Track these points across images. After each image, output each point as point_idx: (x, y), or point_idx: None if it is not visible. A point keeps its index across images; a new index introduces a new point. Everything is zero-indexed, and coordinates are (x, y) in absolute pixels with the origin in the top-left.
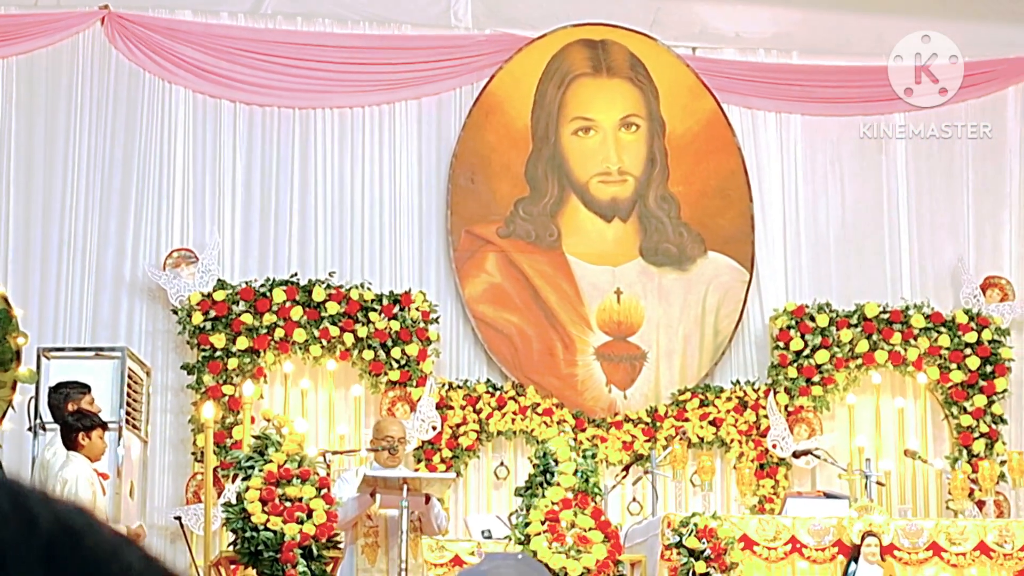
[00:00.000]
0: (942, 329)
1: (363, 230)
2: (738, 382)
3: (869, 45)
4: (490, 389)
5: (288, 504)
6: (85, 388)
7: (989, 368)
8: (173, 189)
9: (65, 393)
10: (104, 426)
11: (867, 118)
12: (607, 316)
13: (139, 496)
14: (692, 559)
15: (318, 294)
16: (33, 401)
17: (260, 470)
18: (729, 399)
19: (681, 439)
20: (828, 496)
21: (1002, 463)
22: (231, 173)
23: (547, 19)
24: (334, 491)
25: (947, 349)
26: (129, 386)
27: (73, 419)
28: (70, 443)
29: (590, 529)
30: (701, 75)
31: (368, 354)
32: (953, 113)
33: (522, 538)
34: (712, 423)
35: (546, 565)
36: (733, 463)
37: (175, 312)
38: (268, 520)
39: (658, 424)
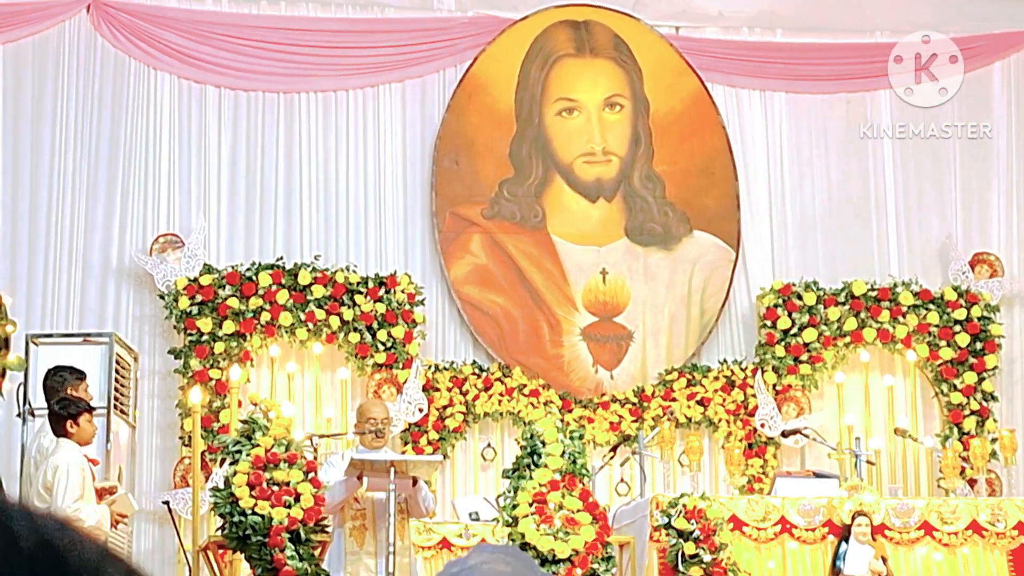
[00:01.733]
0: (931, 306)
1: (348, 213)
2: (725, 361)
3: (853, 22)
4: (476, 371)
5: (276, 488)
6: (81, 375)
7: (979, 345)
8: (159, 174)
9: (62, 378)
10: (91, 410)
11: (851, 95)
12: (593, 296)
13: (127, 481)
14: (681, 540)
15: (304, 277)
16: (22, 388)
17: (247, 454)
18: (716, 378)
19: (669, 419)
20: (818, 476)
21: (993, 441)
22: (216, 158)
23: (529, 0)
24: (321, 475)
25: (936, 326)
26: (117, 371)
27: (59, 407)
28: (59, 430)
29: (578, 511)
30: (685, 54)
31: (354, 337)
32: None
33: (510, 520)
34: (700, 403)
35: (534, 547)
36: (721, 443)
37: (162, 297)
38: (256, 504)
39: (645, 404)
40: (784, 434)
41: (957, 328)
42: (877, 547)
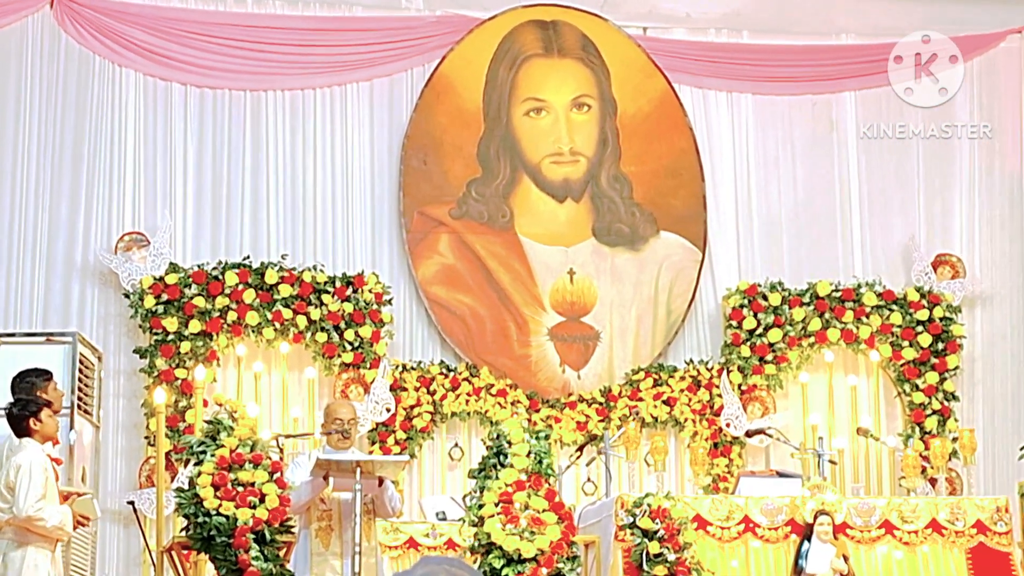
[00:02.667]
0: (894, 307)
1: (315, 212)
2: (691, 361)
3: (818, 24)
4: (444, 370)
5: (240, 489)
6: (48, 375)
7: (941, 345)
8: (124, 172)
9: (30, 383)
10: (48, 404)
11: (817, 96)
12: (560, 296)
13: (91, 481)
14: (646, 539)
15: (271, 277)
16: None
17: (212, 455)
18: (683, 378)
19: (635, 419)
20: (781, 475)
21: (954, 440)
22: (182, 156)
23: (498, 0)
24: (287, 475)
25: (899, 327)
26: (80, 371)
27: (17, 409)
28: (22, 431)
29: (544, 510)
30: (652, 55)
31: (321, 336)
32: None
33: (476, 520)
34: (666, 402)
35: (500, 546)
36: (687, 442)
37: (127, 296)
38: (221, 505)
39: (612, 404)
40: (749, 434)
41: (920, 328)
42: (839, 546)
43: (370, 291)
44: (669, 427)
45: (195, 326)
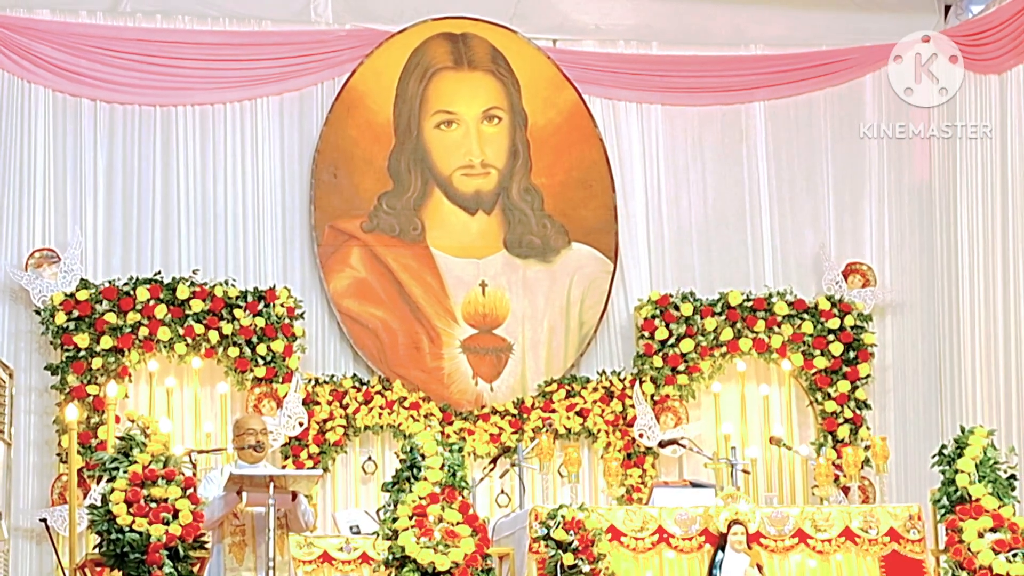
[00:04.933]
0: (805, 316)
1: (226, 227)
2: (604, 372)
3: (728, 35)
4: (356, 384)
5: (153, 505)
6: None
7: (852, 354)
8: (34, 188)
9: None
10: None
11: (726, 107)
12: (472, 309)
13: (3, 498)
14: (560, 551)
15: (182, 292)
16: None
17: (125, 471)
18: (595, 389)
19: (548, 430)
20: (695, 485)
21: (866, 448)
22: (92, 171)
23: (407, 13)
24: (200, 491)
25: (810, 336)
26: None
27: None
28: None
29: (458, 523)
30: (562, 67)
31: (233, 351)
32: (812, 101)
33: (390, 533)
34: (579, 414)
35: (414, 560)
36: (600, 453)
37: (38, 312)
38: (134, 521)
39: (525, 416)
40: (662, 444)
41: (831, 337)
42: (753, 555)
43: (282, 305)
44: (582, 438)
45: (106, 342)
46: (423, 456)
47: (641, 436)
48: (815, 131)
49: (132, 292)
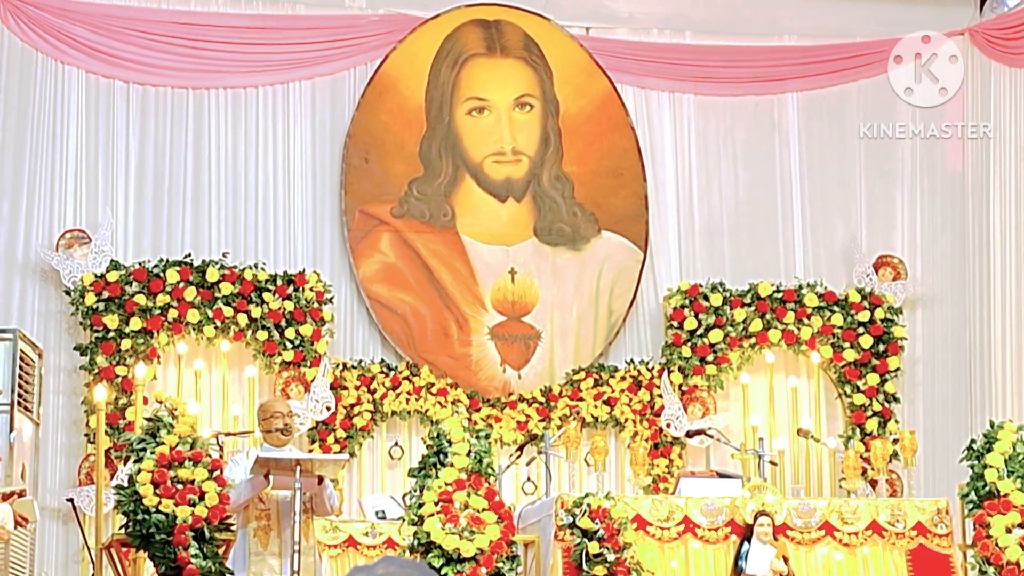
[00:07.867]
0: (835, 308)
1: (257, 210)
2: (632, 361)
3: (762, 25)
4: (384, 369)
5: (180, 486)
6: None
7: (882, 347)
8: (66, 170)
9: None
10: None
11: (759, 98)
12: (501, 296)
13: (31, 478)
14: (585, 539)
15: (212, 275)
16: None
17: (152, 452)
18: (623, 379)
19: (575, 419)
20: (721, 476)
21: (894, 442)
22: (124, 153)
23: None
24: (226, 473)
25: (840, 328)
26: (21, 368)
27: None
28: None
29: (483, 510)
30: (595, 55)
31: (262, 335)
32: (845, 93)
33: (416, 519)
34: (606, 403)
35: (440, 546)
36: (627, 443)
37: (68, 293)
38: (160, 503)
39: (552, 404)
40: (689, 434)
41: (860, 330)
42: (779, 547)
43: (311, 289)
44: (609, 427)
45: (136, 324)
46: (450, 442)
47: (668, 426)
48: (848, 122)
49: (162, 274)
